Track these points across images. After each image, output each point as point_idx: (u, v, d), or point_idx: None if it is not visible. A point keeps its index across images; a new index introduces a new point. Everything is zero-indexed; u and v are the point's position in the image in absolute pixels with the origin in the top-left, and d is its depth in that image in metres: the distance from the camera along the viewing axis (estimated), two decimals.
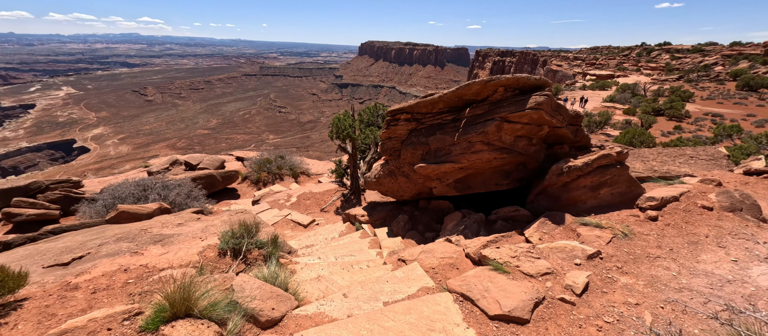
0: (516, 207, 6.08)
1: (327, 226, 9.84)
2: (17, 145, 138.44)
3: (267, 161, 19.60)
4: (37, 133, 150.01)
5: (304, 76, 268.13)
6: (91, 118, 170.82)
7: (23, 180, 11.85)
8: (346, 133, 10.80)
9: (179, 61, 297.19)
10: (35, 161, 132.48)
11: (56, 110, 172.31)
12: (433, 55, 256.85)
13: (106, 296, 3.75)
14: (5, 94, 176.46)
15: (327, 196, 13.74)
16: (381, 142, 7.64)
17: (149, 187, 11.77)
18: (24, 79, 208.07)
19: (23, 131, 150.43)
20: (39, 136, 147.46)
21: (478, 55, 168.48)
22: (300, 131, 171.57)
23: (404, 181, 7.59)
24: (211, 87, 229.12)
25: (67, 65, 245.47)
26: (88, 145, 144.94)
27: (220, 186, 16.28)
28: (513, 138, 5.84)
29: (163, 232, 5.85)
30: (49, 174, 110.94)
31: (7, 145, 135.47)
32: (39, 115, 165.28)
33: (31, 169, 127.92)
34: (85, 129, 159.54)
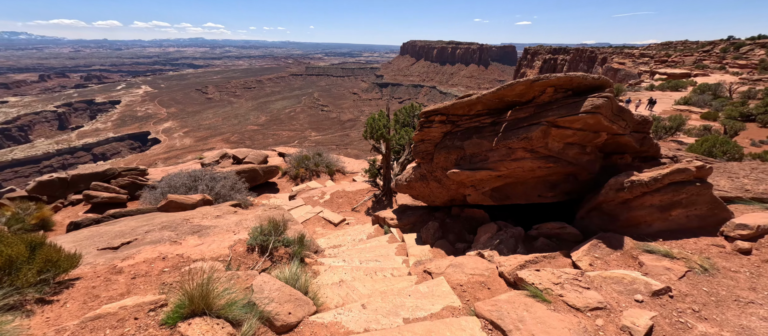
0: (562, 223, 5.36)
1: (356, 226, 9.80)
2: (106, 135, 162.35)
3: (305, 158, 20.34)
4: (120, 125, 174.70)
5: (346, 76, 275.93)
6: (162, 113, 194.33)
7: (101, 167, 13.71)
8: (379, 133, 10.66)
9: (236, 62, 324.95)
10: (118, 150, 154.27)
11: (136, 106, 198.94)
12: (477, 53, 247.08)
13: (143, 283, 4.01)
14: (99, 91, 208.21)
15: (359, 195, 13.76)
16: (413, 145, 7.33)
17: (199, 178, 12.84)
18: (113, 79, 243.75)
19: (111, 123, 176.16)
20: (122, 128, 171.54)
21: (527, 53, 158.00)
22: (340, 129, 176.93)
23: (436, 187, 7.19)
24: (261, 86, 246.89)
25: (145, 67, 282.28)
26: (159, 137, 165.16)
27: (262, 180, 17.23)
28: (562, 145, 5.14)
29: (201, 224, 6.22)
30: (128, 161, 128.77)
31: (98, 135, 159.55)
32: (123, 110, 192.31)
33: (115, 156, 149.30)
34: (157, 123, 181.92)
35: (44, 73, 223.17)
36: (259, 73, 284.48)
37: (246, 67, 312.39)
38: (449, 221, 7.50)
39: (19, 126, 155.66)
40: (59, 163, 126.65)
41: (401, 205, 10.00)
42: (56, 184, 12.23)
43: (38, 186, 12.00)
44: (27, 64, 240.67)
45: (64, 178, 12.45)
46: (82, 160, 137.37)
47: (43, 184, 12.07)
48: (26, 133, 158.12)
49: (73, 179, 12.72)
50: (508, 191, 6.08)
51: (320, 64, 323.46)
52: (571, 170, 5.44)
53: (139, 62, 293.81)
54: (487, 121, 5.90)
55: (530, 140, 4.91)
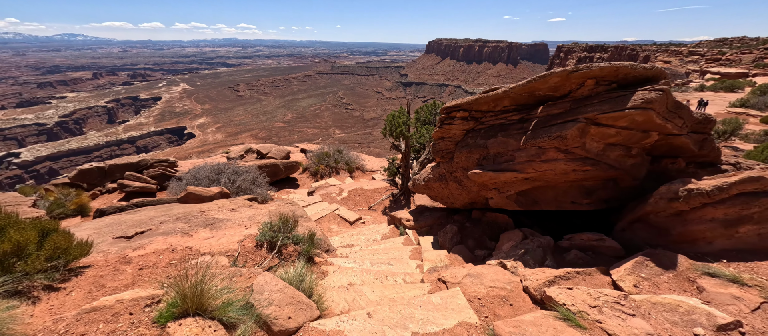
0: (599, 235, 4.72)
1: (372, 226, 9.52)
2: (148, 129, 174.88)
3: (326, 155, 20.42)
4: (161, 120, 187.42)
5: (371, 75, 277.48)
6: (197, 110, 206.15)
7: (136, 158, 14.51)
8: (399, 130, 10.31)
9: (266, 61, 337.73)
10: (158, 143, 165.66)
11: (174, 102, 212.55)
12: (506, 52, 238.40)
13: (149, 274, 3.97)
14: (143, 88, 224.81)
15: (377, 194, 13.49)
16: (433, 143, 6.90)
17: (222, 171, 13.19)
18: (155, 77, 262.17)
19: (152, 118, 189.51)
20: (162, 122, 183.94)
21: (560, 51, 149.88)
22: (363, 127, 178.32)
23: (456, 188, 6.72)
24: (289, 84, 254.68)
25: (184, 65, 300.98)
26: (194, 132, 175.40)
27: (283, 175, 17.47)
28: (602, 146, 4.51)
29: (215, 216, 6.21)
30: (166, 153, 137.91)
31: (141, 129, 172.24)
32: (163, 106, 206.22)
33: (155, 148, 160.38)
34: (193, 118, 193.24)
35: (97, 71, 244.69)
36: (287, 71, 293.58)
37: (275, 65, 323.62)
38: (469, 225, 7.00)
39: (74, 119, 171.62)
40: (107, 153, 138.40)
41: (419, 206, 9.59)
42: (95, 173, 13.09)
43: (79, 174, 12.90)
44: (82, 63, 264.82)
45: (102, 168, 13.30)
46: (126, 152, 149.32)
47: (84, 173, 12.96)
48: (80, 126, 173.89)
49: (110, 168, 13.56)
50: (536, 196, 5.50)
51: (346, 62, 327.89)
52: (612, 175, 4.78)
53: (178, 61, 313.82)
54: (514, 118, 5.35)
55: (564, 139, 4.33)
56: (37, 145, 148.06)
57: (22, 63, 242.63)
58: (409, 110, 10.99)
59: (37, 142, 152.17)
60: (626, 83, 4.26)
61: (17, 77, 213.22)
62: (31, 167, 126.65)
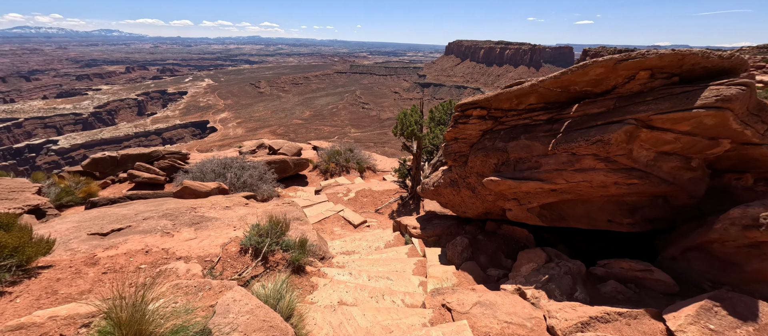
0: (645, 264, 3.85)
1: (376, 231, 8.88)
2: (173, 122, 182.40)
3: (337, 153, 19.99)
4: (186, 113, 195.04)
5: (389, 75, 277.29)
6: (220, 105, 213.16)
7: (147, 149, 14.60)
8: (411, 130, 9.61)
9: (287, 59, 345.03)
10: (182, 135, 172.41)
11: (199, 97, 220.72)
12: (529, 54, 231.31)
13: (111, 280, 3.51)
14: (170, 83, 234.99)
15: (385, 196, 12.84)
16: (445, 144, 6.17)
17: (229, 166, 12.97)
18: (182, 72, 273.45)
19: (178, 112, 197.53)
20: (187, 116, 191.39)
21: (586, 54, 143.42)
22: (379, 127, 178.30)
23: (468, 196, 5.95)
24: (308, 82, 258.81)
25: (209, 62, 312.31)
26: (216, 126, 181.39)
27: (292, 171, 17.16)
28: (653, 155, 3.65)
29: (206, 214, 5.77)
30: (189, 146, 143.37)
31: (167, 122, 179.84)
32: (188, 100, 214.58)
33: (180, 141, 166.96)
34: (216, 113, 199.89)
35: (130, 66, 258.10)
36: (307, 70, 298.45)
37: (295, 64, 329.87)
38: (482, 238, 6.21)
39: (108, 110, 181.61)
40: (136, 143, 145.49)
41: (428, 212, 8.85)
42: (108, 162, 13.21)
43: (92, 162, 13.05)
44: (117, 58, 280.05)
45: (114, 157, 13.42)
46: (153, 143, 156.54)
47: (97, 161, 13.10)
48: (113, 117, 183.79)
49: (122, 158, 13.66)
50: (564, 210, 4.66)
51: (364, 62, 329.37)
52: (663, 190, 3.89)
53: (204, 58, 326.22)
54: (541, 118, 4.55)
55: (606, 145, 3.51)
56: (73, 134, 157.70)
57: (63, 56, 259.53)
58: (422, 109, 10.27)
59: (74, 131, 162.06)
60: (692, 77, 3.38)
61: (59, 69, 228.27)
62: (67, 154, 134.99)
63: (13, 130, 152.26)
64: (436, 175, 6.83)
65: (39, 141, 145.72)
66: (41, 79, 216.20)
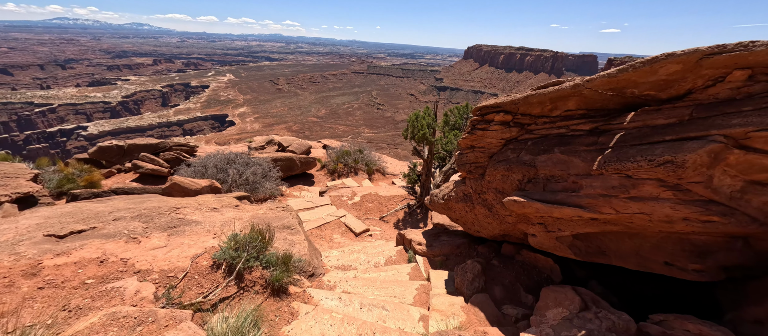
0: (722, 330, 2.90)
1: (378, 242, 8.11)
2: (194, 114, 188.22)
3: (345, 153, 19.38)
4: (206, 106, 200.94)
5: (406, 77, 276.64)
6: (239, 100, 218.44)
7: (155, 140, 14.43)
8: (422, 133, 8.81)
9: (306, 57, 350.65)
10: (202, 128, 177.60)
11: (220, 91, 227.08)
12: (550, 61, 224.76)
13: (45, 297, 2.90)
14: (194, 76, 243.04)
15: (392, 202, 12.05)
16: (459, 152, 5.34)
17: (233, 161, 12.55)
18: (206, 67, 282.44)
19: (199, 104, 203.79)
20: (207, 109, 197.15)
21: (611, 63, 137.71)
22: (393, 129, 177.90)
23: (484, 214, 5.09)
24: (325, 81, 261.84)
25: (232, 58, 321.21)
26: (234, 120, 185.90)
27: (298, 170, 16.66)
28: (741, 184, 2.71)
29: (187, 217, 5.18)
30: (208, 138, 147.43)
31: (189, 113, 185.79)
32: (210, 94, 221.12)
33: (199, 132, 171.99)
34: (235, 107, 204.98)
35: (157, 58, 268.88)
36: (325, 68, 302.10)
37: (314, 62, 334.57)
38: (497, 264, 5.33)
39: (134, 100, 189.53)
40: (158, 133, 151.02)
41: (436, 226, 8.01)
42: (114, 151, 13.08)
43: (99, 150, 12.95)
44: (145, 50, 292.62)
45: (121, 146, 13.28)
46: (175, 133, 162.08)
47: (103, 149, 12.98)
48: (138, 107, 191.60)
49: (129, 148, 13.52)
50: (605, 244, 3.75)
51: (382, 63, 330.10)
52: (746, 231, 2.93)
53: (227, 53, 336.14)
54: (581, 128, 3.66)
55: (679, 168, 2.60)
56: (101, 121, 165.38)
57: (96, 47, 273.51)
58: (436, 111, 9.43)
59: (102, 119, 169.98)
60: None
61: (92, 59, 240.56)
62: (95, 140, 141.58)
63: (48, 115, 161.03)
64: (447, 187, 6.00)
65: (70, 126, 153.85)
66: (76, 68, 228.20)
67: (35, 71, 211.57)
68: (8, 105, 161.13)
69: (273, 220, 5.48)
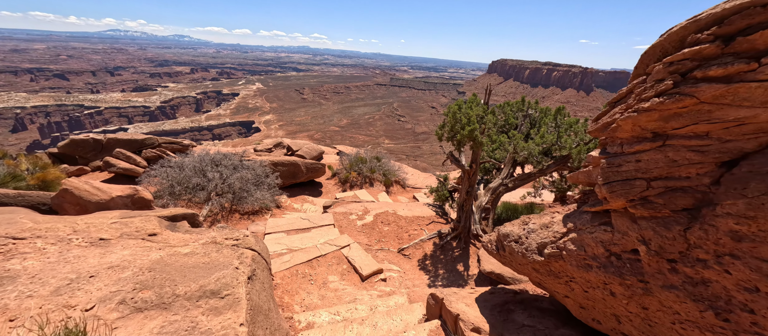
0: None
1: (396, 300, 5.10)
2: (224, 120, 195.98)
3: (360, 160, 16.66)
4: (235, 113, 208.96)
5: (428, 90, 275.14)
6: (266, 107, 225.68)
7: (141, 136, 12.46)
8: (469, 131, 5.78)
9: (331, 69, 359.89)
10: (230, 133, 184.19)
11: (249, 99, 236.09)
12: (579, 77, 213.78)
13: None
14: (226, 85, 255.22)
15: (415, 225, 9.00)
16: (610, 157, 2.29)
17: (219, 162, 10.14)
18: (237, 76, 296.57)
19: (229, 111, 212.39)
20: (236, 115, 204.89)
21: None
22: (413, 140, 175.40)
23: (671, 313, 1.98)
24: (348, 92, 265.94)
25: (261, 68, 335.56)
26: (260, 127, 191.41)
27: (304, 177, 14.08)
28: None
29: (12, 267, 2.51)
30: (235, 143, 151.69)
31: (219, 119, 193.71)
32: (239, 101, 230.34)
33: (227, 138, 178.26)
34: (261, 115, 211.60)
35: (194, 68, 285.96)
36: (349, 80, 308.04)
37: (338, 73, 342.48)
38: None
39: (171, 106, 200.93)
40: (190, 137, 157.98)
41: (494, 280, 4.87)
42: (89, 145, 11.15)
43: (71, 144, 11.05)
44: (185, 60, 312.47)
45: (99, 141, 11.35)
46: (205, 138, 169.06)
47: (76, 143, 11.08)
48: (174, 112, 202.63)
49: (109, 143, 11.56)
50: None
51: (404, 76, 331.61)
52: None
53: (257, 64, 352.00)
54: None
55: None
56: (140, 124, 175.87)
57: (142, 56, 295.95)
58: (487, 99, 6.41)
59: (142, 122, 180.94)
60: None
61: (137, 67, 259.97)
62: None
63: (95, 116, 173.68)
64: (542, 224, 2.92)
65: (113, 128, 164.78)
66: (122, 75, 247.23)
67: (88, 77, 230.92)
68: (62, 107, 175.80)
69: (189, 275, 2.69)
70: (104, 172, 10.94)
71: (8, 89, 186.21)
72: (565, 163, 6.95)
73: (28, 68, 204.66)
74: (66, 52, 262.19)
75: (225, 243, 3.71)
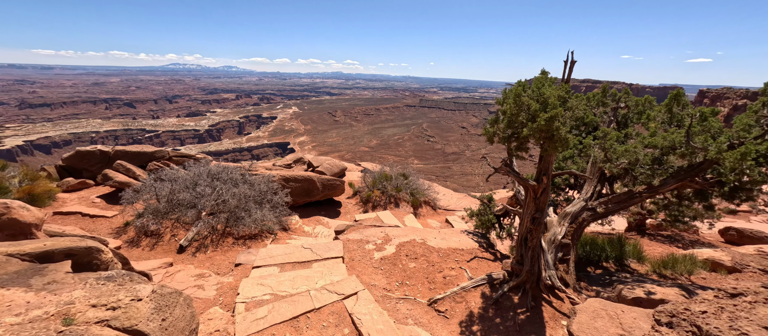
0: None
1: None
2: (262, 141, 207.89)
3: (385, 177, 14.67)
4: (273, 135, 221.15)
5: (458, 110, 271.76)
6: (300, 129, 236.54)
7: (151, 148, 11.71)
8: (543, 122, 3.56)
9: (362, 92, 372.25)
10: (267, 153, 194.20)
11: (285, 122, 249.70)
12: None
13: None
14: (265, 109, 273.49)
15: (451, 261, 6.61)
16: None
17: (217, 175, 8.73)
18: (276, 101, 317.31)
19: (267, 133, 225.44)
20: (273, 137, 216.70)
21: (703, 96, 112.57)
22: (442, 161, 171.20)
23: None
24: (378, 113, 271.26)
25: (298, 93, 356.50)
26: (294, 148, 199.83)
27: (320, 195, 12.36)
28: None
29: None
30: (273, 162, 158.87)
31: (258, 141, 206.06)
32: (276, 124, 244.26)
33: (264, 158, 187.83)
34: (296, 136, 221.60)
35: (239, 94, 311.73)
36: (379, 102, 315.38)
37: (369, 96, 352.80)
38: None
39: (217, 129, 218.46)
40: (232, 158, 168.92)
41: None
42: (96, 157, 10.48)
43: (76, 156, 10.44)
44: (231, 87, 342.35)
45: (106, 152, 10.67)
46: (245, 158, 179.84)
47: (82, 155, 10.45)
48: (220, 134, 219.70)
49: (116, 154, 10.85)
50: None
51: (434, 97, 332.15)
52: None
53: (295, 89, 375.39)
54: None
55: None
56: (191, 145, 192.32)
57: (196, 85, 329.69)
58: (566, 76, 4.16)
59: (192, 143, 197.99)
60: None
61: (191, 95, 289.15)
62: None
63: (154, 139, 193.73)
64: None
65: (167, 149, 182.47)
66: (179, 102, 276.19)
67: (150, 105, 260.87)
68: (128, 131, 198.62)
69: None
70: (105, 186, 10.10)
71: (88, 116, 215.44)
72: (695, 176, 4.35)
73: (104, 98, 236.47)
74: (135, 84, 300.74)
75: (83, 318, 1.80)
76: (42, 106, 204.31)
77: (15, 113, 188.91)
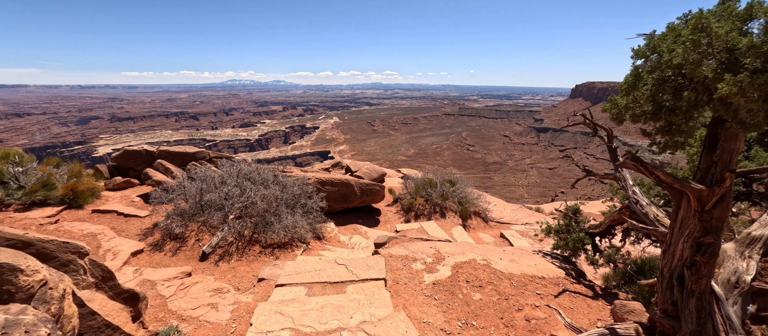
0: None
1: None
2: (305, 150, 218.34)
3: (429, 183, 13.07)
4: (315, 144, 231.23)
5: (500, 118, 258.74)
6: (340, 139, 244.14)
7: (193, 148, 11.65)
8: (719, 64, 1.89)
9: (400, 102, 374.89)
10: (309, 161, 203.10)
11: (327, 131, 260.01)
12: None
13: None
14: (309, 120, 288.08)
15: (532, 294, 4.81)
16: None
17: (249, 176, 8.00)
18: (318, 112, 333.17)
19: (310, 142, 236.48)
20: (315, 146, 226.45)
21: None
22: (483, 171, 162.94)
23: None
24: (416, 122, 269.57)
25: (339, 104, 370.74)
26: (334, 156, 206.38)
27: (357, 201, 11.21)
28: None
29: None
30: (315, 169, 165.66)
31: (301, 149, 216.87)
32: (318, 134, 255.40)
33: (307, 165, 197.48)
34: (336, 145, 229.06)
35: (285, 106, 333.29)
36: (417, 111, 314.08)
37: (407, 106, 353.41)
38: None
39: (266, 138, 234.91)
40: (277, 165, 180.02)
41: None
42: (142, 157, 10.58)
43: (124, 155, 10.63)
44: (279, 100, 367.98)
45: (151, 152, 10.74)
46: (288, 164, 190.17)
47: (129, 155, 10.62)
48: (268, 143, 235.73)
49: (160, 154, 10.90)
50: None
51: (474, 105, 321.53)
52: None
53: (336, 100, 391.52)
54: None
55: None
56: (242, 154, 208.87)
57: (248, 99, 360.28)
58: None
59: (243, 152, 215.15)
60: None
61: (244, 108, 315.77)
62: None
63: (212, 148, 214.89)
64: None
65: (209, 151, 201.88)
66: (234, 115, 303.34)
67: (211, 117, 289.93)
68: (192, 140, 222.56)
69: None
70: (145, 185, 10.05)
71: (161, 128, 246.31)
72: None
73: (174, 112, 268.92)
74: (199, 99, 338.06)
75: None
76: (127, 120, 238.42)
77: (107, 126, 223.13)
